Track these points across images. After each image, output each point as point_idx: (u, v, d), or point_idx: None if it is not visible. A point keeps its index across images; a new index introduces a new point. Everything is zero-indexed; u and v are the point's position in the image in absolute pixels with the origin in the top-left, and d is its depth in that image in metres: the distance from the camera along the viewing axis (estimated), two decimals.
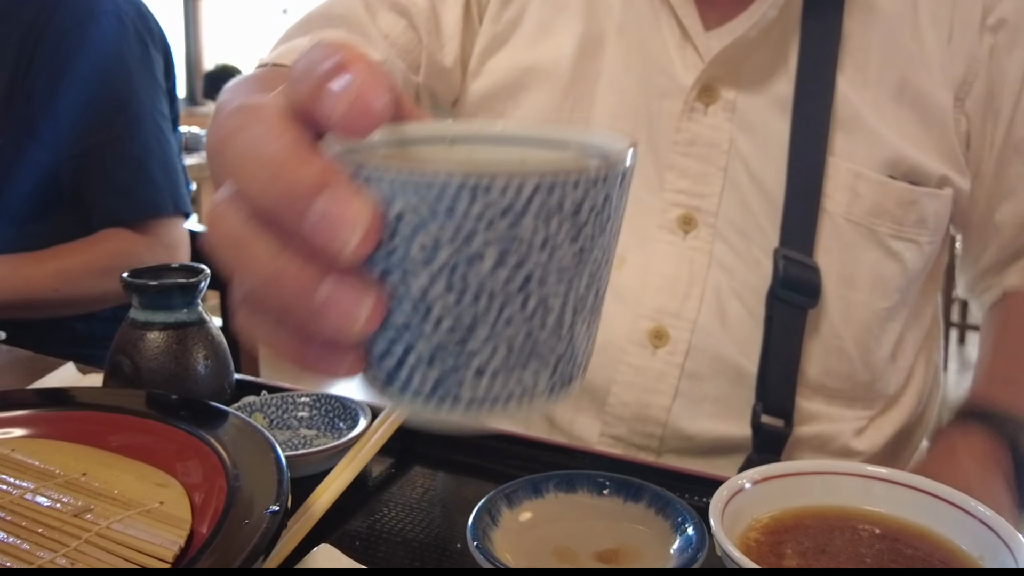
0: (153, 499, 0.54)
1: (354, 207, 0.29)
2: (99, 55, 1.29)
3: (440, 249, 0.29)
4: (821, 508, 0.50)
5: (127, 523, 0.51)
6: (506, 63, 0.83)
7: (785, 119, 0.77)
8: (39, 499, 0.53)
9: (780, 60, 0.78)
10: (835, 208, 0.77)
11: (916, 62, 0.77)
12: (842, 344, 0.79)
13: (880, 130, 0.77)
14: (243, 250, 0.31)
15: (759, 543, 0.48)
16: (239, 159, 0.31)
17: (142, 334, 0.70)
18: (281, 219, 0.30)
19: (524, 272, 0.30)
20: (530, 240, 0.29)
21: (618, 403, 0.81)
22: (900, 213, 0.77)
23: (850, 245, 0.77)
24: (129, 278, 0.71)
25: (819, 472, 0.51)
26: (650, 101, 0.80)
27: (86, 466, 0.57)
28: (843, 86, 0.77)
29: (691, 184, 0.79)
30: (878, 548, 0.48)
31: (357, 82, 0.30)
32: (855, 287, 0.78)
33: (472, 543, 0.52)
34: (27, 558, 0.47)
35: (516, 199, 0.29)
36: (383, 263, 0.30)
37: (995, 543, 0.46)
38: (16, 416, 0.64)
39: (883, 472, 0.51)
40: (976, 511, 0.47)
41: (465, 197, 0.29)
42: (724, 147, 0.79)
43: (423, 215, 0.29)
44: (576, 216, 0.30)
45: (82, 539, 0.49)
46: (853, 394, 0.81)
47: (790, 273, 0.76)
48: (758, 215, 0.78)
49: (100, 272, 1.29)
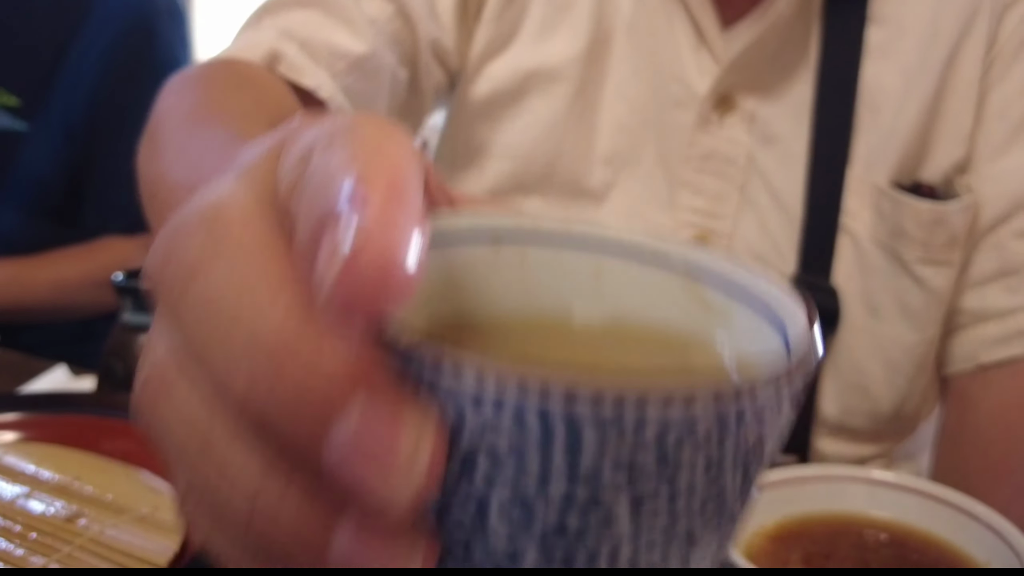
0: (146, 504, 0.53)
1: (408, 434, 0.17)
2: (141, 53, 1.28)
3: (538, 505, 0.18)
4: (827, 514, 0.50)
5: (120, 529, 0.51)
6: (508, 67, 0.75)
7: (807, 128, 0.69)
8: (31, 504, 0.53)
9: (803, 61, 0.70)
10: (859, 228, 0.69)
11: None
12: (865, 382, 0.71)
13: (906, 115, 0.68)
14: (207, 451, 0.19)
15: (765, 549, 0.47)
16: (211, 320, 0.18)
17: (134, 337, 0.70)
18: (282, 433, 0.18)
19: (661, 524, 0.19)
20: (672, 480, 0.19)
21: None
22: (923, 236, 0.67)
23: (876, 270, 0.69)
24: (120, 281, 0.70)
25: (825, 478, 0.51)
26: (661, 111, 0.72)
27: (78, 470, 0.57)
28: (870, 74, 0.69)
29: (706, 203, 0.72)
30: (884, 554, 0.47)
31: (381, 245, 0.17)
32: (882, 318, 0.69)
33: None
34: (19, 563, 0.47)
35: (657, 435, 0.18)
36: (444, 511, 0.19)
37: (1002, 548, 0.45)
38: (8, 420, 0.63)
39: (889, 477, 0.51)
40: (983, 516, 0.47)
41: (592, 436, 0.18)
42: (741, 163, 0.71)
43: (517, 456, 0.18)
44: (737, 444, 0.19)
45: (75, 544, 0.49)
46: (876, 429, 0.73)
47: None
48: (777, 236, 0.71)
49: (98, 284, 1.28)
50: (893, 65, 0.69)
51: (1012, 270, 0.68)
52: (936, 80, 0.68)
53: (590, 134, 0.73)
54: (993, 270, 0.68)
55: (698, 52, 0.71)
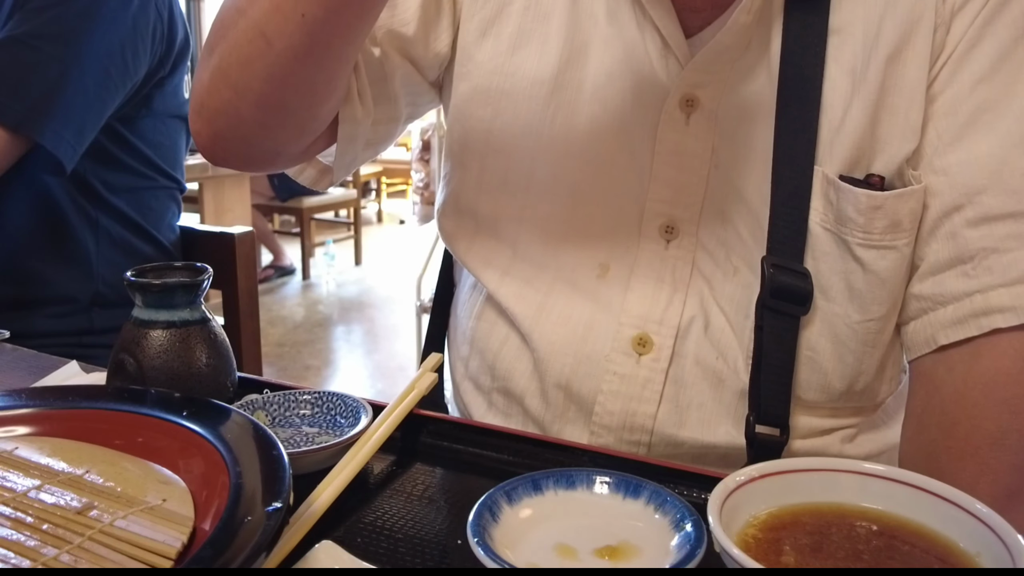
0: (156, 496, 0.54)
1: None
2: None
3: None
4: (819, 505, 0.51)
5: (130, 520, 0.51)
6: (486, 67, 0.80)
7: (769, 127, 0.74)
8: (43, 496, 0.53)
9: (763, 65, 0.75)
10: (812, 216, 0.74)
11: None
12: (817, 357, 0.76)
13: (856, 113, 0.73)
14: None
15: (757, 540, 0.48)
16: None
17: (145, 333, 0.71)
18: None
19: None
20: None
21: (604, 412, 0.81)
22: (863, 221, 0.72)
23: (826, 254, 0.74)
24: (132, 277, 0.71)
25: (817, 469, 0.52)
26: (633, 111, 0.78)
27: (89, 464, 0.58)
28: (831, 74, 0.73)
29: (673, 194, 0.79)
30: (875, 545, 0.48)
31: None
32: (831, 298, 0.75)
33: (473, 540, 0.53)
34: (31, 555, 0.48)
35: None
36: None
37: (991, 540, 0.46)
38: (20, 414, 0.64)
39: (880, 469, 0.51)
40: (973, 508, 0.47)
41: None
42: (706, 156, 0.77)
43: None
44: None
45: (86, 536, 0.50)
46: (832, 406, 0.79)
47: (780, 281, 0.73)
48: (738, 226, 0.77)
49: None
50: (841, 67, 0.73)
51: (966, 257, 0.71)
52: (879, 80, 0.72)
53: (568, 134, 0.79)
54: (948, 258, 0.72)
55: (666, 58, 0.76)
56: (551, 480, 0.60)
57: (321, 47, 0.66)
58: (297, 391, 0.77)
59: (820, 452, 0.80)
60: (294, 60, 0.67)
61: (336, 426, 0.74)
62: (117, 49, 1.33)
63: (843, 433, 0.81)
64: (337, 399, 0.75)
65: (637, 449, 0.81)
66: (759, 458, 0.73)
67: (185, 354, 0.70)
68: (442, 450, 0.74)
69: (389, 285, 5.73)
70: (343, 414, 0.74)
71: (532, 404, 0.85)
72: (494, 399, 0.89)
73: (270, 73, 0.69)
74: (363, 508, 0.65)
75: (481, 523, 0.54)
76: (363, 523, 0.63)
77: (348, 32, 0.67)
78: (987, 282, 0.70)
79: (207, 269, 0.73)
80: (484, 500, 0.57)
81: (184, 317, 0.71)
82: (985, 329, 0.69)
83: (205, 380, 0.71)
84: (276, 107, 0.72)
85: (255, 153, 0.79)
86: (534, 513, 0.58)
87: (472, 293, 0.92)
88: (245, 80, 0.70)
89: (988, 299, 0.69)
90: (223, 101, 0.72)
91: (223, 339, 0.74)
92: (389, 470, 0.71)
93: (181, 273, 0.73)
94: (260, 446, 0.57)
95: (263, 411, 0.75)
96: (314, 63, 0.68)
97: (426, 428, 0.76)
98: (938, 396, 0.72)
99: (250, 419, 0.61)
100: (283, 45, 0.66)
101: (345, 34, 0.67)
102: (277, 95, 0.70)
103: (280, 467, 0.54)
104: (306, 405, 0.76)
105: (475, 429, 0.76)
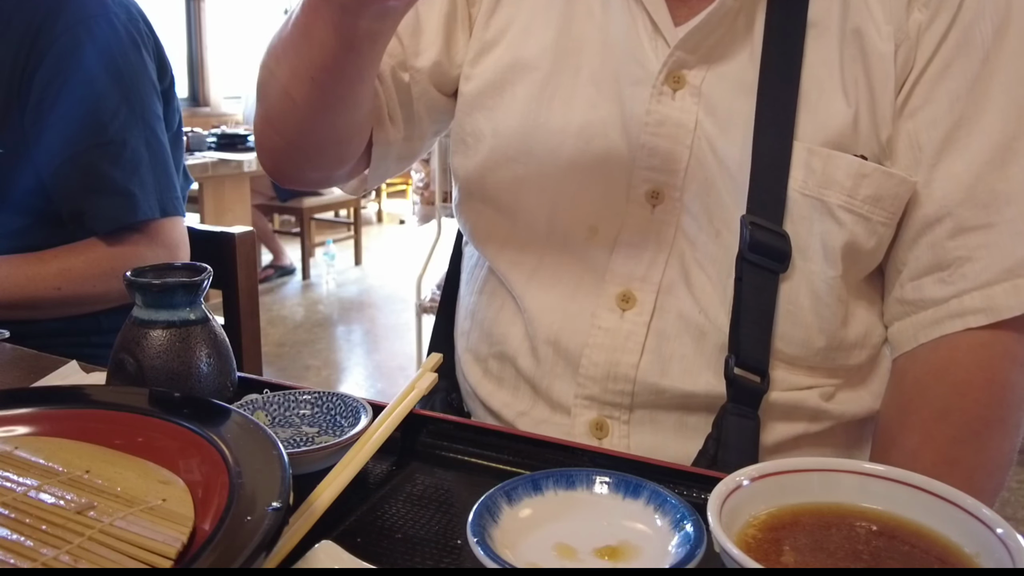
0: (156, 496, 0.54)
1: None
2: (91, 61, 1.28)
3: None
4: (818, 505, 0.51)
5: (130, 520, 0.51)
6: (493, 64, 0.89)
7: (750, 102, 0.80)
8: (42, 496, 0.53)
9: (746, 46, 0.82)
10: (792, 184, 0.79)
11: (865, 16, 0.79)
12: (796, 311, 0.81)
13: (836, 100, 0.79)
14: None
15: (757, 540, 0.48)
16: None
17: (145, 332, 0.71)
18: None
19: None
20: None
21: (590, 364, 0.86)
22: (850, 185, 0.78)
23: (804, 218, 0.79)
24: (132, 277, 0.71)
25: (817, 469, 0.52)
26: (624, 88, 0.84)
27: (89, 464, 0.58)
28: (809, 59, 0.79)
29: (660, 162, 0.84)
30: (875, 545, 0.48)
31: None
32: (808, 257, 0.80)
33: (472, 539, 0.53)
34: (30, 555, 0.48)
35: None
36: None
37: (991, 540, 0.46)
38: (19, 414, 0.64)
39: (880, 469, 0.51)
40: (972, 508, 0.47)
41: None
42: (691, 127, 0.83)
43: None
44: None
45: (85, 536, 0.49)
46: (812, 362, 0.84)
47: (757, 239, 0.78)
48: (721, 192, 0.82)
49: (103, 272, 1.29)
50: (820, 56, 0.80)
51: (944, 264, 0.80)
52: (853, 71, 0.79)
53: (565, 112, 0.86)
54: (928, 265, 0.81)
55: (655, 40, 0.84)
56: (551, 480, 0.60)
57: (334, 99, 0.80)
58: (297, 391, 0.77)
59: (799, 405, 0.84)
60: (315, 113, 0.81)
61: (336, 426, 0.74)
62: (150, 89, 1.37)
63: (822, 391, 0.85)
64: (337, 399, 0.75)
65: (621, 398, 0.85)
66: (739, 401, 0.80)
67: (185, 354, 0.70)
68: (442, 450, 0.74)
69: (389, 285, 5.73)
70: (343, 414, 0.74)
71: (524, 363, 0.91)
72: (489, 365, 0.95)
73: (300, 124, 0.84)
74: (363, 508, 0.65)
75: (481, 523, 0.54)
76: (363, 523, 0.63)
77: (351, 89, 0.80)
78: (962, 287, 0.79)
79: (207, 269, 0.73)
80: (484, 500, 0.57)
81: (184, 317, 0.71)
82: (959, 328, 0.79)
83: (205, 380, 0.71)
84: (313, 147, 0.87)
85: (308, 179, 0.96)
86: (534, 513, 0.58)
87: (475, 271, 0.99)
88: (284, 129, 0.87)
89: (963, 303, 0.79)
90: (273, 143, 0.90)
91: (223, 339, 0.74)
92: (389, 470, 0.71)
93: (181, 273, 0.73)
94: (260, 446, 0.57)
95: (263, 411, 0.75)
96: (332, 113, 0.82)
97: (426, 428, 0.76)
98: (903, 381, 0.83)
99: (250, 419, 0.61)
100: (304, 102, 0.81)
101: (349, 92, 0.80)
102: (310, 139, 0.86)
103: (280, 467, 0.54)
104: (306, 405, 0.76)
105: (475, 429, 0.76)
